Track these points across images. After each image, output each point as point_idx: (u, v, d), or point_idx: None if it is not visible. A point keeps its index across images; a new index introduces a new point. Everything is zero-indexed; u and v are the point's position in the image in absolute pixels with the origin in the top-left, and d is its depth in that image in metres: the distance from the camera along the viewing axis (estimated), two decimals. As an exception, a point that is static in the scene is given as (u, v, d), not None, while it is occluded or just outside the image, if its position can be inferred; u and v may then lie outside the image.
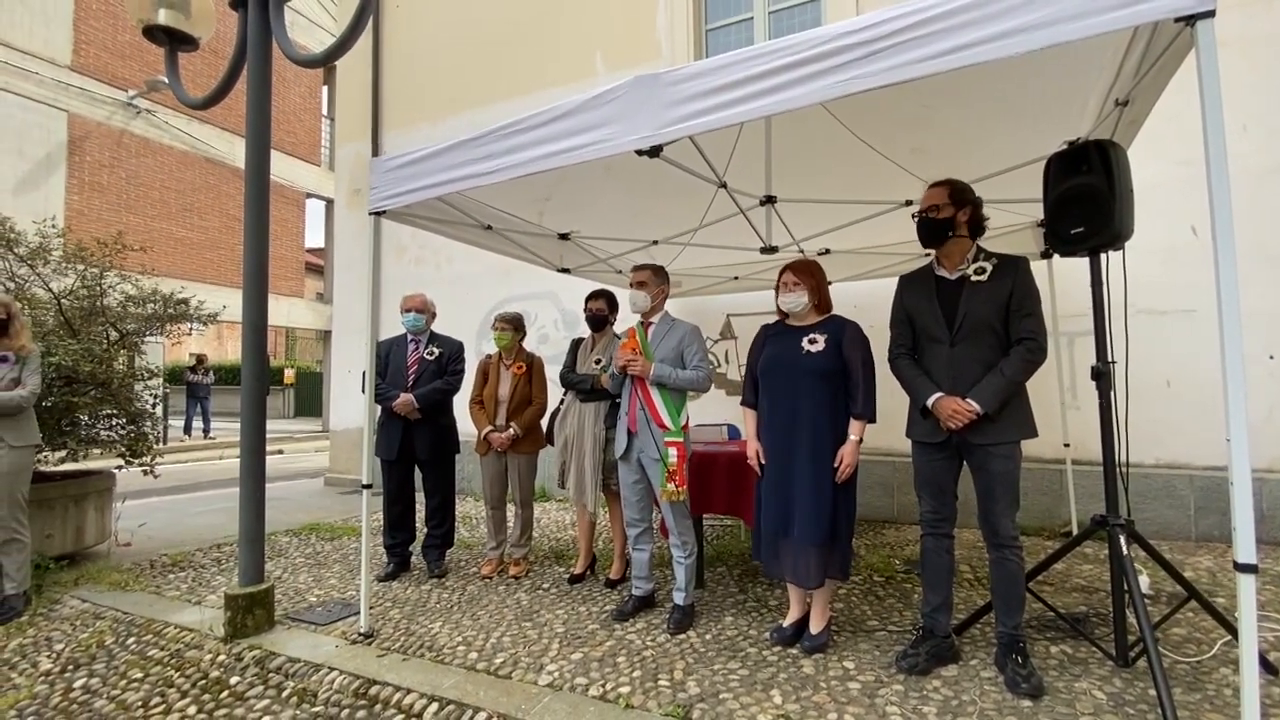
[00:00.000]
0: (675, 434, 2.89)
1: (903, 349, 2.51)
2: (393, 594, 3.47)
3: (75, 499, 4.16)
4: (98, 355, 3.92)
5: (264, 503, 3.07)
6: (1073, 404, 4.51)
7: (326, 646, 2.76)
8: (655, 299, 3.08)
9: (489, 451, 3.69)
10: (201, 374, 13.06)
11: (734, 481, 3.27)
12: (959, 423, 2.27)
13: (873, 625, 2.86)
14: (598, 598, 3.32)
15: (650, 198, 3.69)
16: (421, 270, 7.45)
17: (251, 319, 3.05)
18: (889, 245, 4.20)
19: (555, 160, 2.38)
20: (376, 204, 2.93)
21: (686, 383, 2.94)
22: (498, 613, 3.13)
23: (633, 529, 3.07)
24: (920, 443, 2.45)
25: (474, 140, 2.61)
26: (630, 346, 2.93)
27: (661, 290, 3.15)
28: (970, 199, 2.38)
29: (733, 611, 3.06)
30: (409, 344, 3.92)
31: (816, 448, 2.47)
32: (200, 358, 13.47)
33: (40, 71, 10.75)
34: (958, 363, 2.34)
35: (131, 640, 2.98)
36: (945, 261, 2.45)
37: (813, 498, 2.45)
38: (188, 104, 3.37)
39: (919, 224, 2.41)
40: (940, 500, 2.43)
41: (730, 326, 5.72)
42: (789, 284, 2.64)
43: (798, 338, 2.59)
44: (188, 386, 13.07)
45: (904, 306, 2.52)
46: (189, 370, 13.16)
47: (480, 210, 3.49)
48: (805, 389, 2.52)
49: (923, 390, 2.39)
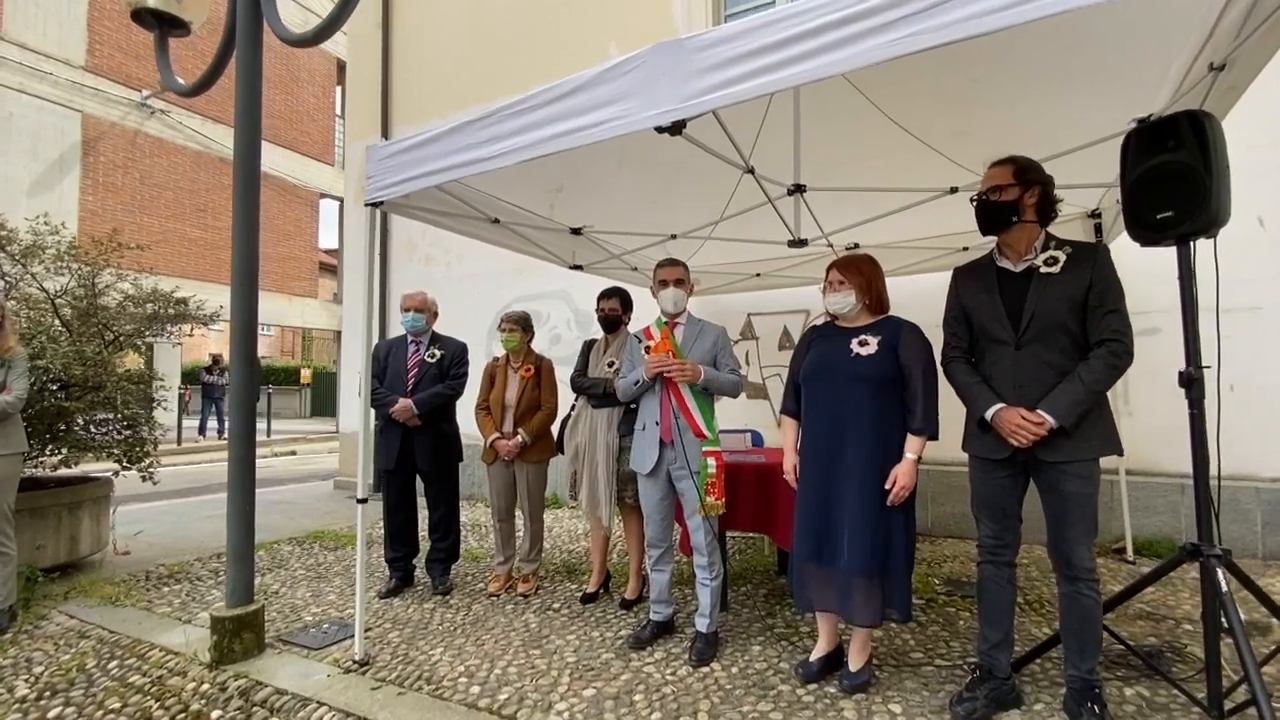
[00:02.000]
0: (714, 442, 2.67)
1: (958, 352, 2.22)
2: (393, 613, 3.25)
3: (69, 507, 3.99)
4: (89, 357, 3.74)
5: (253, 516, 2.85)
6: (1125, 410, 4.18)
7: (318, 675, 2.54)
8: (688, 296, 2.84)
9: (496, 460, 3.45)
10: (217, 374, 13.03)
11: (762, 495, 3.00)
12: (1024, 439, 1.98)
13: (917, 658, 2.57)
14: (612, 620, 3.06)
15: (669, 188, 3.44)
16: (431, 269, 7.26)
17: (241, 319, 2.83)
18: (925, 239, 3.90)
19: (567, 141, 2.13)
20: (373, 194, 2.70)
21: (728, 386, 2.72)
22: (504, 637, 2.88)
23: (654, 549, 2.81)
24: (979, 458, 2.16)
25: (477, 121, 2.37)
26: (663, 349, 2.67)
27: (691, 288, 2.91)
28: (1039, 178, 2.09)
29: (761, 639, 2.78)
30: (409, 346, 3.69)
31: (864, 466, 2.19)
32: (216, 358, 13.45)
33: (54, 72, 10.74)
34: (1024, 368, 2.05)
35: (114, 664, 2.78)
36: (1009, 251, 2.15)
37: (860, 522, 2.16)
38: (176, 91, 3.18)
39: (978, 208, 2.12)
40: (1002, 524, 2.14)
41: (751, 326, 5.44)
42: (834, 283, 2.36)
43: (846, 340, 2.31)
44: (203, 387, 13.05)
45: (960, 303, 2.22)
46: (205, 370, 13.14)
47: (487, 202, 3.25)
48: (853, 398, 2.23)
49: (981, 400, 2.10)
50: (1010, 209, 2.07)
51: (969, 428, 2.21)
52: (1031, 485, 2.14)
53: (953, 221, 3.63)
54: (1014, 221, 2.09)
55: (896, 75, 2.75)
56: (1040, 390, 2.02)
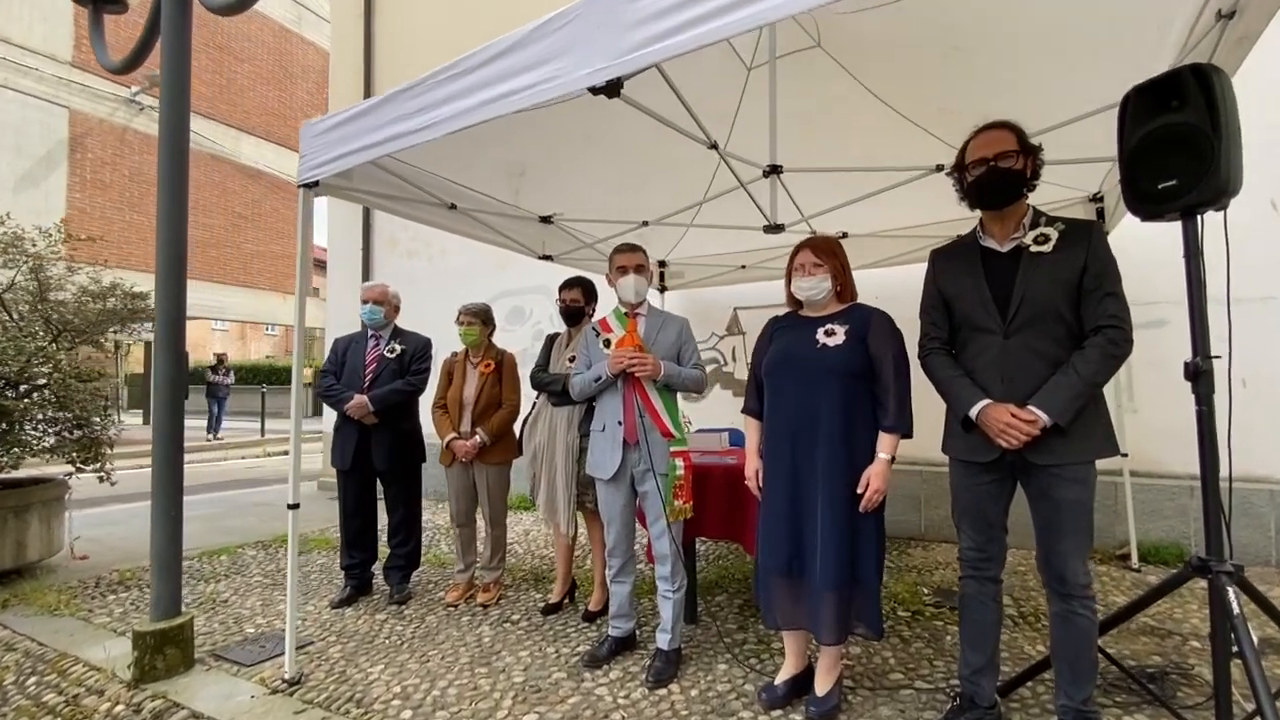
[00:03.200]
0: (681, 441, 2.47)
1: (937, 343, 1.99)
2: (342, 624, 3.04)
3: (15, 510, 3.81)
4: (29, 352, 3.55)
5: (180, 523, 2.66)
6: (1129, 406, 3.94)
7: (241, 696, 2.33)
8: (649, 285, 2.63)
9: (454, 462, 3.24)
10: (222, 374, 12.91)
11: (733, 499, 2.77)
12: (1014, 439, 1.75)
13: (896, 679, 2.35)
14: (571, 634, 2.85)
15: (641, 171, 3.24)
16: (414, 264, 7.09)
17: (167, 313, 2.63)
18: (912, 228, 3.67)
19: (498, 107, 1.91)
20: (305, 174, 2.49)
21: (691, 382, 2.53)
22: (452, 653, 2.67)
23: (615, 560, 2.58)
24: (961, 461, 1.93)
25: (407, 91, 2.16)
26: (630, 343, 2.45)
27: (651, 275, 2.70)
28: (1033, 147, 1.86)
29: (727, 657, 2.56)
30: (368, 340, 3.48)
31: (833, 468, 1.96)
32: (220, 357, 13.34)
33: (40, 68, 10.61)
34: (1013, 359, 1.82)
35: (33, 681, 2.59)
36: (994, 229, 1.92)
37: (830, 531, 1.94)
38: (108, 68, 2.98)
39: (985, 177, 1.85)
40: (986, 535, 1.92)
41: (738, 321, 5.22)
42: (807, 265, 2.12)
43: (811, 329, 2.09)
44: (208, 386, 12.94)
45: (939, 288, 2.00)
46: (210, 370, 13.03)
47: (440, 186, 3.04)
48: (820, 392, 2.00)
49: (964, 396, 1.87)
50: (1020, 179, 1.84)
51: (950, 427, 1.98)
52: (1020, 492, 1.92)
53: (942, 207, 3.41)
54: (1024, 194, 1.86)
55: (877, 48, 2.56)
56: (1031, 384, 1.79)
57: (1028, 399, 1.78)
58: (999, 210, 1.91)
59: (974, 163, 1.90)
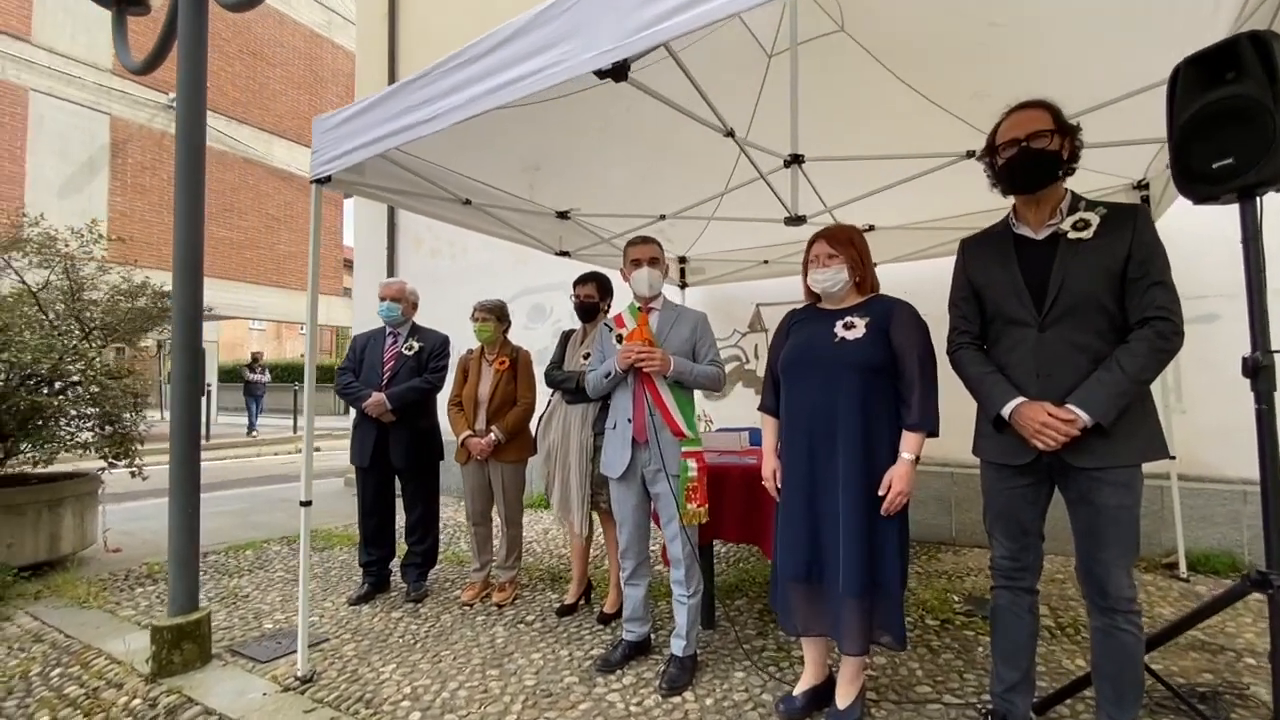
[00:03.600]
0: (694, 442, 2.37)
1: (967, 337, 1.87)
2: (358, 622, 3.04)
3: (49, 504, 3.91)
4: (60, 351, 3.63)
5: (198, 519, 2.67)
6: (1178, 407, 3.72)
7: (253, 694, 2.33)
8: (665, 278, 2.56)
9: (469, 460, 3.21)
10: (259, 372, 13.26)
11: (751, 500, 2.67)
12: (1052, 440, 1.63)
13: (923, 692, 2.23)
14: (586, 637, 2.79)
15: (659, 163, 3.16)
16: (438, 262, 7.14)
17: (184, 310, 2.65)
18: (940, 220, 3.52)
19: (504, 95, 1.86)
20: (317, 169, 2.48)
21: (705, 379, 2.42)
22: (465, 653, 2.64)
23: (628, 562, 2.51)
24: (994, 464, 1.81)
25: (414, 82, 2.12)
26: (640, 337, 2.37)
27: (667, 268, 2.62)
28: (1071, 127, 1.73)
29: (745, 665, 2.47)
30: (386, 337, 3.48)
31: (853, 468, 1.85)
32: (256, 356, 13.72)
33: (83, 76, 11.00)
34: (1050, 353, 1.69)
35: (57, 672, 2.63)
36: (1028, 215, 1.80)
37: (850, 535, 1.83)
38: (129, 68, 3.02)
39: (1016, 159, 1.73)
40: (1021, 543, 1.79)
41: (760, 317, 5.10)
42: (822, 257, 2.02)
43: (829, 323, 1.98)
44: (246, 385, 13.31)
45: (969, 279, 1.88)
46: (247, 368, 13.40)
47: (454, 181, 3.01)
48: (839, 389, 1.89)
49: (997, 393, 1.75)
50: (1056, 161, 1.71)
51: (981, 427, 1.86)
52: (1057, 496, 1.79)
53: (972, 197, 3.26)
54: (1059, 176, 1.73)
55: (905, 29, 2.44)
56: (1070, 380, 1.66)
57: (1066, 396, 1.66)
58: (1032, 194, 1.78)
59: (1005, 144, 1.77)
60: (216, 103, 12.81)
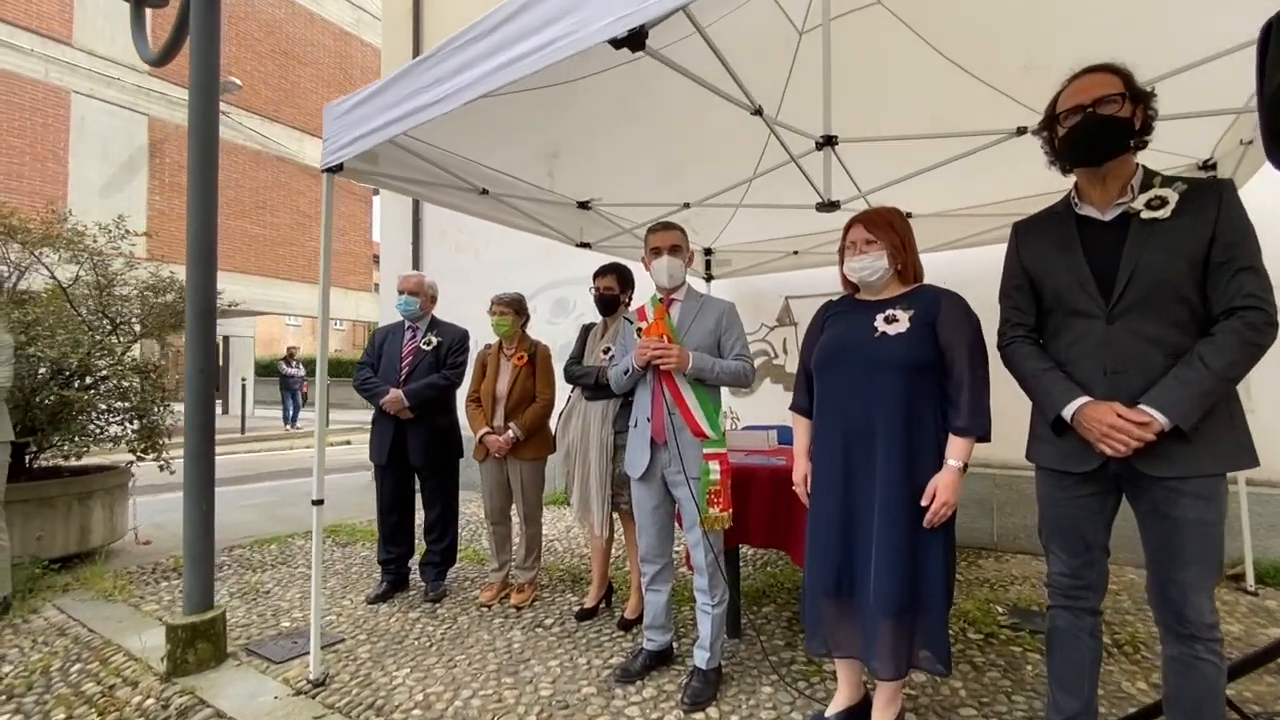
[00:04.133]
0: (718, 443, 2.20)
1: (1022, 330, 1.69)
2: (374, 622, 2.98)
3: (79, 497, 3.96)
4: (87, 346, 3.66)
5: (213, 515, 2.63)
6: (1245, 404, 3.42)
7: (265, 696, 2.27)
8: (687, 267, 2.41)
9: (487, 457, 3.13)
10: (294, 366, 13.56)
11: (780, 504, 2.52)
12: (1121, 445, 1.45)
13: (969, 715, 2.06)
14: (605, 643, 2.68)
15: (681, 149, 3.03)
16: (461, 256, 7.10)
17: (198, 305, 2.61)
18: (984, 206, 3.30)
19: (515, 70, 1.73)
20: (328, 158, 2.40)
21: (729, 376, 2.25)
22: (480, 659, 2.55)
23: (649, 566, 2.39)
24: (1052, 471, 1.64)
25: (422, 63, 2.02)
26: (657, 331, 2.24)
27: (690, 256, 2.46)
28: (1144, 93, 1.53)
29: (773, 679, 2.33)
30: (405, 332, 3.41)
31: (893, 476, 1.69)
32: (291, 351, 14.05)
33: (122, 78, 11.29)
34: (1120, 347, 1.51)
35: (76, 668, 2.62)
36: (1094, 194, 1.60)
37: (888, 549, 1.67)
38: (146, 60, 2.99)
39: (1081, 126, 1.54)
40: (1083, 559, 1.61)
41: (789, 311, 4.91)
42: (859, 243, 1.85)
43: (869, 315, 1.81)
44: (281, 379, 13.63)
45: (1024, 265, 1.69)
46: (284, 363, 13.72)
47: (470, 170, 2.91)
48: (878, 389, 1.73)
49: (1057, 392, 1.57)
50: (1129, 129, 1.51)
51: (1037, 429, 1.68)
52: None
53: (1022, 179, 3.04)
54: (1129, 147, 1.53)
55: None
56: (1143, 378, 1.48)
57: (1139, 396, 1.47)
58: (1099, 168, 1.58)
59: (1068, 111, 1.58)
60: (250, 102, 13.05)
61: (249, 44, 13.48)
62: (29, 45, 10.40)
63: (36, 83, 10.48)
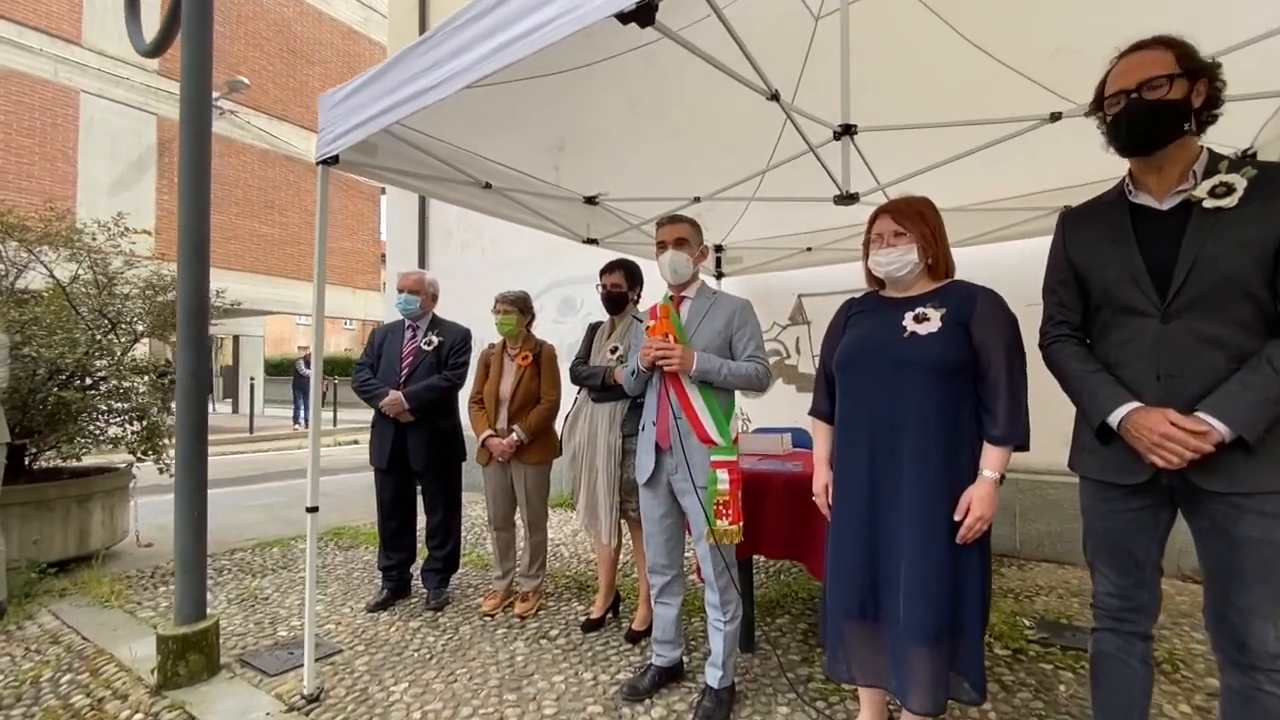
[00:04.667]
0: (726, 450, 2.05)
1: (1066, 328, 1.55)
2: (374, 631, 2.88)
3: (79, 499, 3.89)
4: (84, 346, 3.58)
5: (205, 521, 2.55)
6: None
7: (256, 713, 2.18)
8: (697, 264, 2.26)
9: (490, 461, 3.02)
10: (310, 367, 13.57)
11: (796, 513, 2.39)
12: (1174, 457, 1.31)
13: (1001, 741, 1.92)
14: (612, 657, 2.56)
15: (692, 141, 2.91)
16: (468, 255, 7.02)
17: (189, 304, 2.52)
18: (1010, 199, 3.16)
19: (515, 50, 1.62)
20: (323, 149, 2.30)
21: (740, 379, 2.09)
22: (481, 673, 2.44)
23: (657, 578, 2.27)
24: (1098, 482, 1.50)
25: (418, 47, 1.91)
26: (661, 330, 2.11)
27: (702, 252, 2.31)
28: (1205, 66, 1.39)
29: (790, 697, 2.20)
30: (405, 331, 3.31)
31: (922, 488, 1.56)
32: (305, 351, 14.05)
33: (130, 77, 11.30)
34: (1176, 349, 1.37)
35: (67, 679, 2.54)
36: (1149, 181, 1.47)
37: (919, 568, 1.54)
38: (140, 51, 2.91)
39: (1123, 115, 1.41)
40: (1133, 577, 1.48)
41: (802, 309, 4.77)
42: (886, 235, 1.72)
43: (897, 314, 1.68)
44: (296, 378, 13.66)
45: (1070, 258, 1.55)
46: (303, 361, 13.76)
47: (472, 163, 2.81)
48: (906, 393, 1.59)
49: (1103, 396, 1.43)
50: (1180, 113, 1.37)
51: (1081, 437, 1.54)
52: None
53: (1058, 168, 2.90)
54: (1185, 131, 1.39)
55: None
56: (1201, 382, 1.34)
57: (1196, 402, 1.34)
58: (1147, 156, 1.45)
59: (1111, 96, 1.45)
60: (258, 101, 13.04)
61: (257, 43, 13.48)
62: (38, 45, 10.43)
63: (46, 82, 10.51)
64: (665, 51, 2.26)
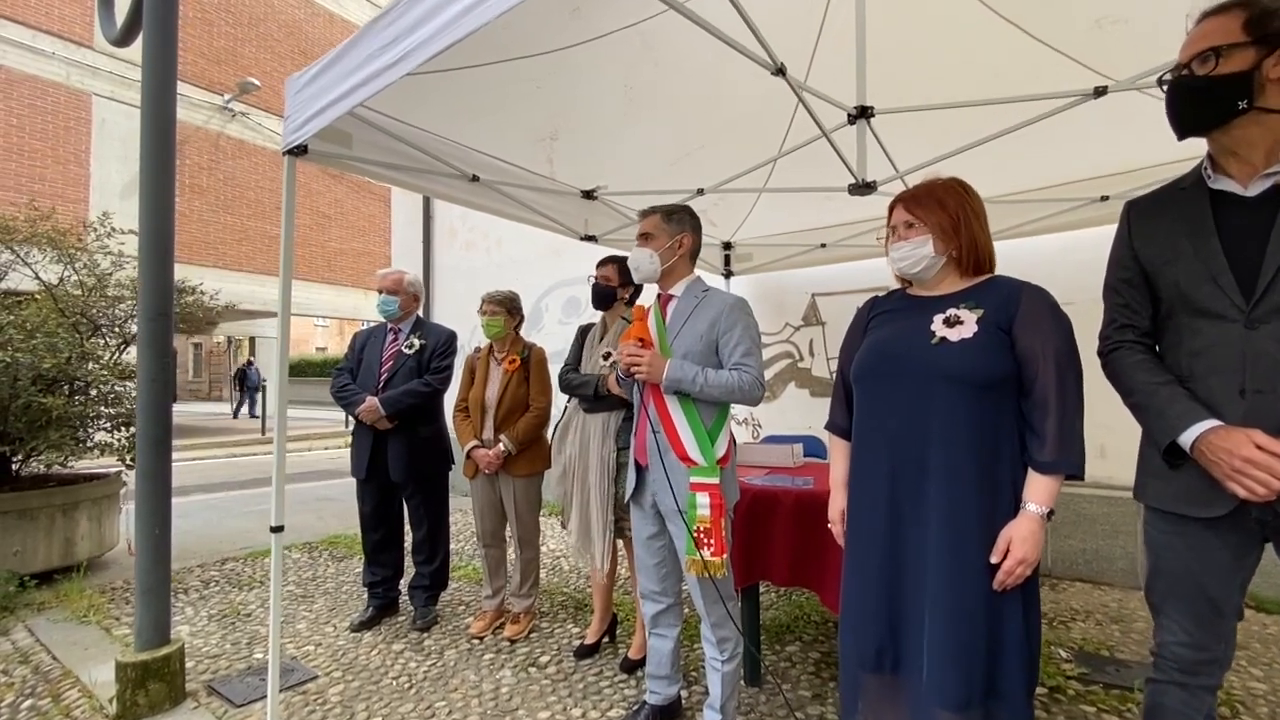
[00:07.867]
0: (708, 471, 1.78)
1: (1131, 334, 1.31)
2: (354, 654, 2.70)
3: (64, 508, 3.76)
4: (66, 350, 3.45)
5: (168, 541, 2.37)
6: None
7: (213, 752, 2.00)
8: (669, 258, 1.97)
9: (477, 474, 2.82)
10: None
11: (807, 536, 2.16)
12: (1259, 487, 1.07)
13: (1041, 803, 1.68)
14: (604, 689, 2.35)
15: (695, 127, 2.70)
16: (472, 255, 6.88)
17: (151, 307, 2.35)
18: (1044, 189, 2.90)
19: (479, 15, 1.41)
20: (289, 137, 2.11)
21: (720, 390, 1.80)
22: (463, 705, 2.24)
23: (650, 605, 2.05)
24: (1167, 514, 1.26)
25: (379, 20, 1.72)
26: (635, 334, 1.89)
27: (680, 242, 1.99)
28: None
29: (799, 744, 1.97)
30: (386, 334, 3.12)
31: (953, 521, 1.31)
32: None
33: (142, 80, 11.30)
34: (1264, 360, 1.13)
35: (28, 704, 2.39)
36: (1230, 164, 1.22)
37: (949, 617, 1.30)
38: (109, 40, 2.77)
39: (1169, 96, 1.20)
40: (1208, 628, 1.24)
41: (816, 309, 4.53)
42: (899, 226, 1.49)
43: (925, 316, 1.43)
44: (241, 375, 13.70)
45: (1137, 254, 1.31)
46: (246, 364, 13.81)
47: (458, 155, 2.63)
48: (935, 409, 1.34)
49: (1174, 413, 1.20)
50: (1238, 87, 1.13)
51: (1147, 460, 1.30)
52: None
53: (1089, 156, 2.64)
54: (1240, 110, 1.15)
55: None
56: (1296, 399, 1.10)
57: (1290, 423, 1.09)
58: (1204, 136, 1.22)
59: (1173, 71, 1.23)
60: (269, 103, 13.03)
61: (269, 45, 13.47)
62: (51, 49, 10.47)
63: (58, 86, 10.55)
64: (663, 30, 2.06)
